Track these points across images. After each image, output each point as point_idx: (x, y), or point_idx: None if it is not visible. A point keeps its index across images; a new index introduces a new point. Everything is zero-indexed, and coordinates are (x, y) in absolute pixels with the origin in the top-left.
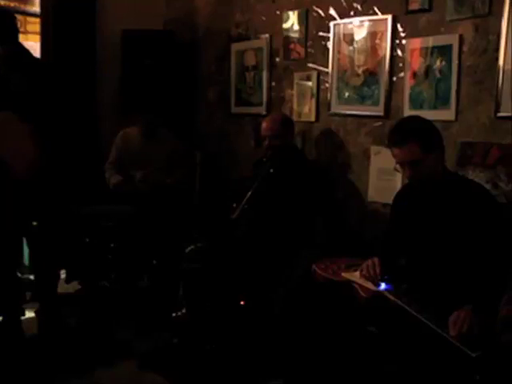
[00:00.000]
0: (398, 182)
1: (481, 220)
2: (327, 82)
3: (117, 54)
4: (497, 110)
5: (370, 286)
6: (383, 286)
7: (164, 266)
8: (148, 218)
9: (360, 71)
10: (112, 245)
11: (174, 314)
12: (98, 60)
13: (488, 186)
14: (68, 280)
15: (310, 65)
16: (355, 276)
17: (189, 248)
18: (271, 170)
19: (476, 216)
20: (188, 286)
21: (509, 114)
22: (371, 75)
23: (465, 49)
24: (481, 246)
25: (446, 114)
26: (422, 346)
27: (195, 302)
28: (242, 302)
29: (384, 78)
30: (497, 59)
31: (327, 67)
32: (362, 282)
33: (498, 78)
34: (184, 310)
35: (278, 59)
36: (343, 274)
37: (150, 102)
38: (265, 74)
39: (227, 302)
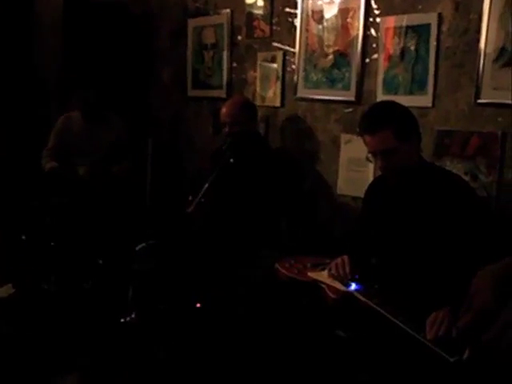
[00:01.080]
0: (369, 173)
1: (459, 215)
2: (294, 63)
3: (58, 28)
4: (477, 95)
5: (338, 286)
6: (353, 286)
7: (111, 265)
8: (93, 212)
9: (330, 52)
10: (52, 243)
11: (122, 320)
12: (37, 35)
13: (467, 178)
14: (0, 283)
15: (275, 44)
16: (322, 275)
17: (139, 246)
18: (231, 160)
19: (454, 210)
20: (138, 288)
21: (490, 101)
22: (342, 56)
23: (444, 29)
24: (459, 242)
25: (423, 100)
26: (396, 351)
27: (146, 305)
28: (198, 305)
29: (356, 59)
30: (478, 41)
31: (294, 47)
32: (330, 281)
33: (479, 61)
34: (134, 315)
35: (239, 37)
36: (309, 274)
37: (94, 80)
38: (225, 54)
39: (182, 305)
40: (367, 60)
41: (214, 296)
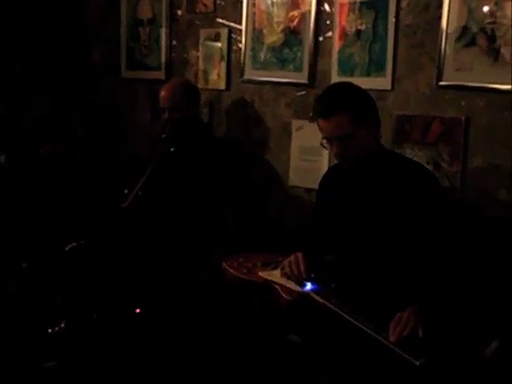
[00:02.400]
0: (324, 162)
1: (422, 206)
2: (240, 41)
3: None
4: (439, 77)
5: (293, 286)
6: (309, 286)
7: (37, 268)
8: (15, 206)
9: (279, 29)
10: None
11: (50, 330)
12: None
13: (429, 167)
14: None
15: (220, 20)
16: (275, 275)
17: (69, 246)
18: (171, 149)
19: (416, 201)
20: (68, 293)
21: (452, 83)
22: (293, 34)
23: (403, 4)
24: (423, 236)
25: (381, 82)
26: (356, 357)
27: (77, 312)
28: (137, 311)
29: (308, 37)
30: (439, 18)
31: (240, 24)
32: (283, 281)
33: (441, 40)
34: (63, 324)
35: (179, 12)
36: (260, 273)
37: (12, 60)
38: (163, 31)
39: (119, 311)
40: (321, 38)
41: (155, 300)
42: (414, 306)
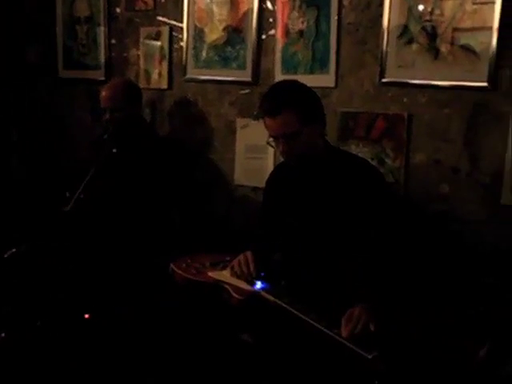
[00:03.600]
0: (269, 160)
1: (368, 202)
2: (181, 40)
3: None
4: (381, 74)
5: (243, 285)
6: (259, 284)
7: None
8: None
9: (221, 27)
10: None
11: None
12: None
13: (373, 163)
14: None
15: (160, 18)
16: (224, 275)
17: (8, 252)
18: (114, 150)
19: (362, 197)
20: (8, 302)
21: (395, 80)
22: (235, 32)
23: (345, 2)
24: (369, 231)
25: (325, 80)
26: (309, 354)
27: (19, 321)
28: (86, 316)
29: (251, 35)
30: (381, 16)
31: (181, 22)
32: (233, 281)
33: (383, 37)
34: (3, 334)
35: (118, 10)
36: (210, 274)
37: None
38: (102, 29)
39: (66, 318)
40: (263, 36)
41: (103, 305)
42: (365, 301)
